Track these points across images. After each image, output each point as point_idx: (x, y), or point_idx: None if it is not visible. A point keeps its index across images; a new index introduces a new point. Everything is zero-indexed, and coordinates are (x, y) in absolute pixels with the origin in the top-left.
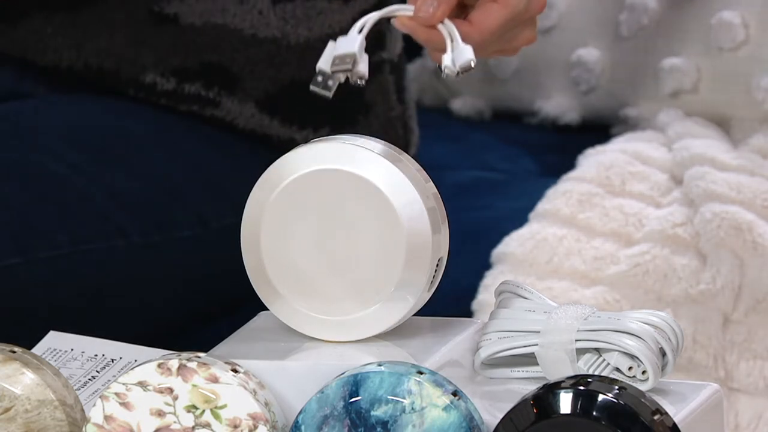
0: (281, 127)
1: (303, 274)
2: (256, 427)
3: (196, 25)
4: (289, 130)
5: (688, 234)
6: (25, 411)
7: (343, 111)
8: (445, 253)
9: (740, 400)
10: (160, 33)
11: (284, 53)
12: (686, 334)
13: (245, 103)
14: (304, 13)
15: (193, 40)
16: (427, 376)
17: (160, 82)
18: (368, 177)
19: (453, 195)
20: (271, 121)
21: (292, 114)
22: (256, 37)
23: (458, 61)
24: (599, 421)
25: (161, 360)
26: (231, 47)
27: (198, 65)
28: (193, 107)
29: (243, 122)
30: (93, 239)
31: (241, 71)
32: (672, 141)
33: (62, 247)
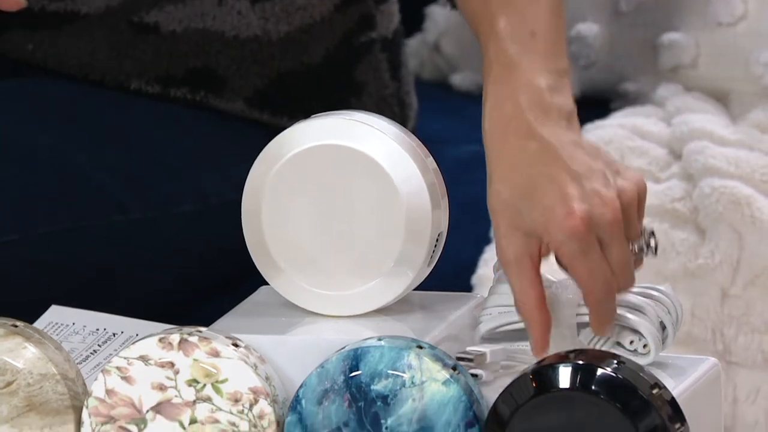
0: (272, 118)
1: (303, 249)
2: (256, 401)
3: (177, 31)
4: (281, 120)
5: (687, 208)
6: (27, 385)
7: (333, 95)
8: (444, 228)
9: (738, 373)
10: (142, 43)
11: (267, 49)
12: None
13: (234, 101)
14: (283, 10)
15: (176, 47)
16: (427, 350)
17: (146, 89)
18: (368, 152)
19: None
20: (261, 113)
21: (282, 105)
22: (238, 38)
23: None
24: (598, 395)
25: (162, 334)
26: (214, 50)
27: (183, 71)
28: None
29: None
30: (92, 215)
31: (226, 72)
32: (671, 116)
33: (62, 223)
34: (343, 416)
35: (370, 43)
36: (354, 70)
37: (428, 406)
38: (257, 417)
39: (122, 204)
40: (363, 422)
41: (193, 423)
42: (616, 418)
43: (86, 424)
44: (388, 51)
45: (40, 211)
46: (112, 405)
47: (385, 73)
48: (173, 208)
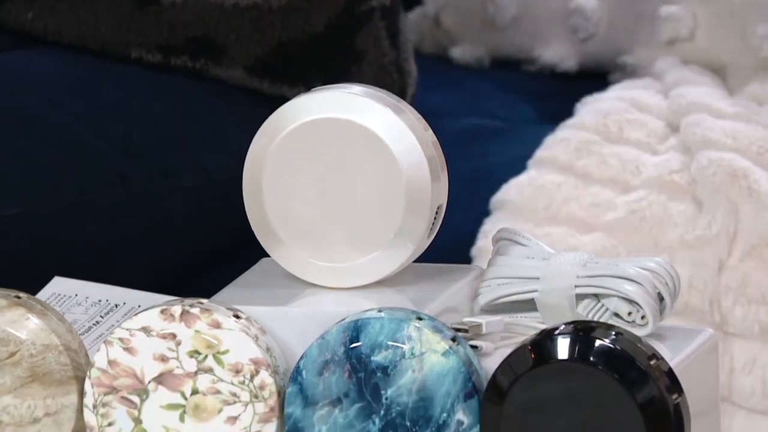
0: (272, 87)
1: (304, 221)
2: (257, 372)
3: (177, 2)
4: (281, 89)
5: (685, 180)
6: (30, 355)
7: (334, 63)
8: (444, 200)
9: (735, 344)
10: (143, 14)
11: (267, 17)
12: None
13: (233, 69)
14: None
15: (176, 18)
16: (427, 322)
17: (146, 57)
18: (368, 125)
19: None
20: (261, 82)
21: (282, 74)
22: (238, 7)
23: None
24: (596, 366)
25: (164, 306)
26: (214, 20)
27: (183, 41)
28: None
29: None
30: (95, 189)
31: (226, 41)
32: (669, 88)
33: (64, 196)
34: (343, 387)
35: (370, 11)
36: (355, 38)
37: (428, 376)
38: (258, 388)
39: (125, 177)
40: (363, 393)
41: (194, 393)
42: (614, 389)
43: (89, 394)
44: (387, 19)
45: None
46: (114, 375)
47: (385, 41)
48: (175, 182)
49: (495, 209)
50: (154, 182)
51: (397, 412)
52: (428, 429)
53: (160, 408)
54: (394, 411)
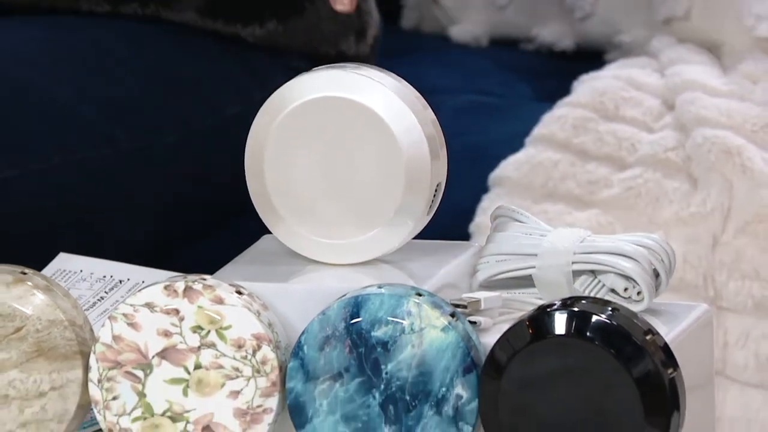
0: (226, 27)
1: (305, 198)
2: (259, 347)
3: None
4: (235, 28)
5: (680, 158)
6: (36, 331)
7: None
8: (443, 178)
9: (729, 318)
10: None
11: None
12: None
13: (185, 12)
14: None
15: None
16: (426, 297)
17: (96, 9)
18: (369, 104)
19: (451, 119)
20: (214, 23)
21: (234, 13)
22: None
23: None
24: (593, 341)
25: (168, 282)
26: None
27: None
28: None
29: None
30: (82, 149)
31: None
32: (664, 67)
33: (53, 158)
34: (344, 362)
35: None
36: None
37: (427, 352)
38: (260, 362)
39: (110, 136)
40: (363, 368)
41: (197, 368)
42: (611, 364)
43: (93, 369)
44: None
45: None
46: (118, 351)
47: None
48: (159, 138)
49: (493, 186)
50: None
51: (396, 386)
52: (427, 403)
53: (163, 382)
54: (394, 385)
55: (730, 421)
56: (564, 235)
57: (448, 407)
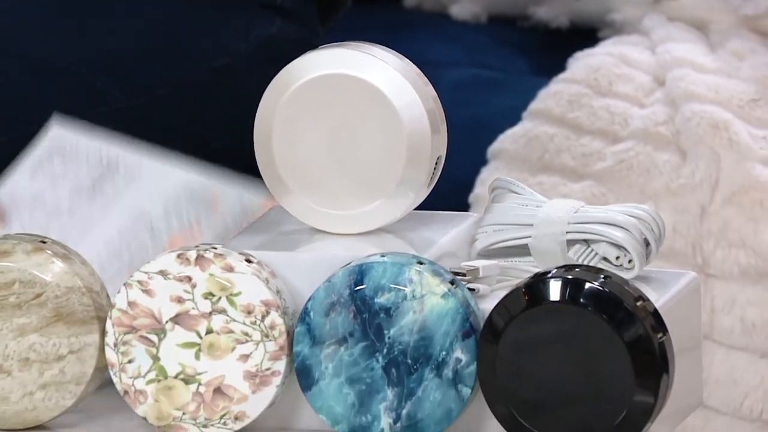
0: None
1: (312, 171)
2: (268, 312)
3: None
4: None
5: (670, 132)
6: (55, 297)
7: None
8: (443, 151)
9: (716, 285)
10: None
11: None
12: (667, 225)
13: None
14: None
15: None
16: (427, 266)
17: None
18: (372, 81)
19: (451, 92)
20: None
21: None
22: None
23: None
24: (586, 308)
25: (180, 251)
26: None
27: None
28: None
29: None
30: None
31: None
32: (655, 45)
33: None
34: (348, 327)
35: None
36: None
37: (428, 317)
38: (269, 327)
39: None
40: (367, 332)
41: (209, 333)
42: (603, 329)
43: (110, 333)
44: None
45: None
46: (133, 316)
47: None
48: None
49: (491, 159)
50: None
51: (399, 350)
52: (428, 366)
53: (176, 346)
54: (396, 349)
55: (717, 382)
56: (559, 206)
57: (448, 370)
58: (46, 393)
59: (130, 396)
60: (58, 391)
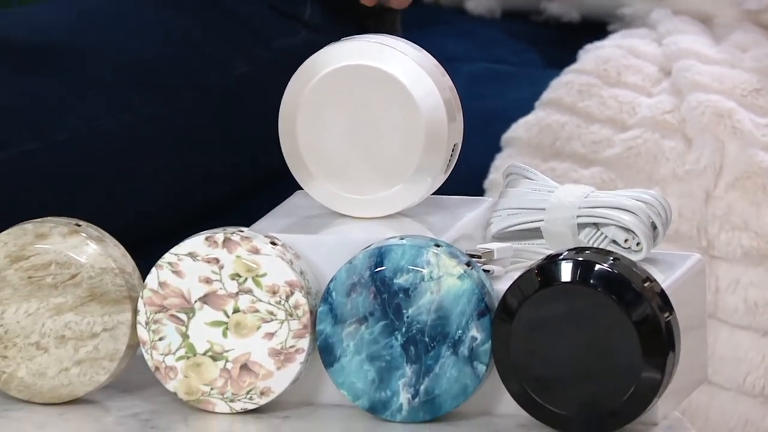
0: None
1: (334, 158)
2: (292, 293)
3: None
4: None
5: (676, 120)
6: (90, 277)
7: None
8: (459, 139)
9: (720, 266)
10: None
11: None
12: (673, 209)
13: None
14: None
15: None
16: (444, 248)
17: None
18: (392, 72)
19: (467, 85)
20: None
21: None
22: None
23: None
24: (596, 288)
25: (208, 234)
26: None
27: None
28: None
29: None
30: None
31: None
32: (662, 37)
33: (76, 127)
34: (369, 306)
35: None
36: None
37: (445, 297)
38: (293, 307)
39: (129, 103)
40: (387, 312)
41: (236, 312)
42: (612, 309)
43: (141, 312)
44: None
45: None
46: (164, 296)
47: None
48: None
49: (505, 146)
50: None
51: (417, 329)
52: (445, 344)
53: (205, 325)
54: (415, 328)
55: (721, 359)
56: (570, 191)
57: (464, 348)
58: (81, 369)
59: (160, 372)
60: (92, 367)
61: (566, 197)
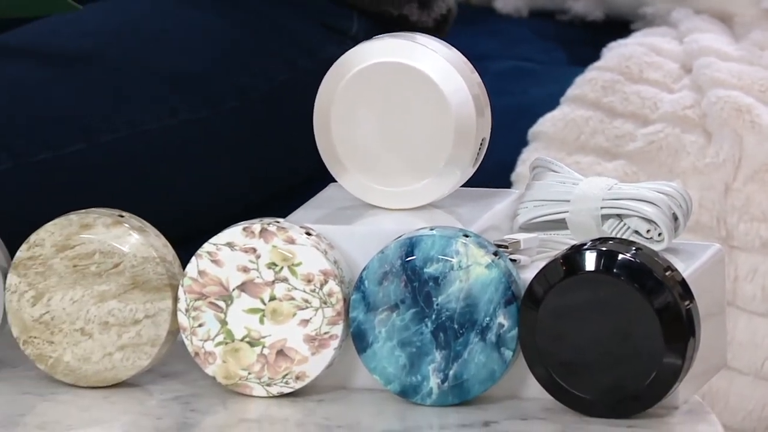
0: None
1: (367, 151)
2: (326, 281)
3: None
4: None
5: (696, 115)
6: (132, 266)
7: None
8: (487, 133)
9: (739, 256)
10: None
11: None
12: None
13: None
14: None
15: None
16: (472, 238)
17: None
18: (423, 69)
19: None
20: None
21: None
22: None
23: None
24: (619, 277)
25: (246, 224)
26: None
27: None
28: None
29: None
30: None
31: None
32: (683, 35)
33: (120, 130)
34: (400, 294)
35: None
36: None
37: (473, 286)
38: (327, 295)
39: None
40: (417, 300)
41: (272, 300)
42: (635, 297)
43: (182, 299)
44: None
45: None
46: (203, 284)
47: None
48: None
49: (532, 140)
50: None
51: (446, 316)
52: (473, 331)
53: (242, 312)
54: (444, 315)
55: (740, 345)
56: (594, 183)
57: (492, 334)
58: (124, 354)
59: (200, 357)
60: (134, 352)
61: (590, 189)
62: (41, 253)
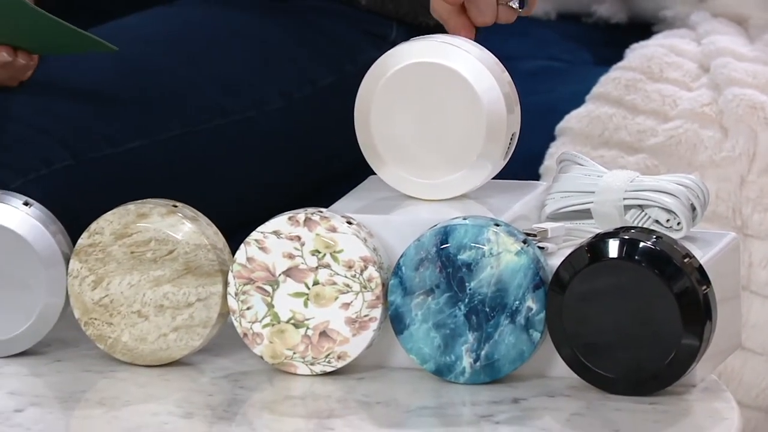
0: None
1: (404, 145)
2: (366, 267)
3: None
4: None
5: (713, 112)
6: (185, 253)
7: None
8: (517, 129)
9: (753, 244)
10: None
11: None
12: (710, 192)
13: None
14: None
15: None
16: (503, 227)
17: None
18: (457, 68)
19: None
20: None
21: None
22: None
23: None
24: (640, 264)
25: (291, 214)
26: None
27: None
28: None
29: None
30: (198, 119)
31: None
32: (701, 37)
33: (174, 129)
34: (435, 280)
35: None
36: None
37: (503, 272)
38: (366, 280)
39: (223, 108)
40: (451, 284)
41: (315, 284)
42: (655, 282)
43: (231, 284)
44: None
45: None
46: (251, 270)
47: None
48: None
49: (559, 135)
50: (247, 110)
51: (478, 300)
52: (504, 314)
53: (288, 296)
54: (476, 299)
55: (753, 327)
56: (617, 176)
57: (521, 317)
58: (177, 335)
59: (248, 338)
60: (187, 333)
61: (614, 181)
62: (101, 241)
